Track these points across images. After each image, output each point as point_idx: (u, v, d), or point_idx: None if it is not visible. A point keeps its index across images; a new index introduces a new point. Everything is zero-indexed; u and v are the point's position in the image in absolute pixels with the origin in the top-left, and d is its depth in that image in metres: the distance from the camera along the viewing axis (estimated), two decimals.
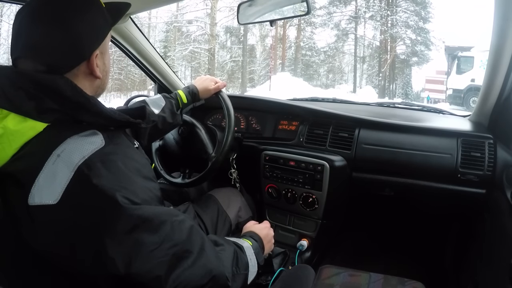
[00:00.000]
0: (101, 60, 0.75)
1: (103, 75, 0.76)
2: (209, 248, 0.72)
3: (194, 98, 1.38)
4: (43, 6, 0.68)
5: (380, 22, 20.34)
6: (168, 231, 0.64)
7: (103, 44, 0.75)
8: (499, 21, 1.11)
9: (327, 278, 1.08)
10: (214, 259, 0.72)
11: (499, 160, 1.28)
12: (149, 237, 0.62)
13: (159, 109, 1.24)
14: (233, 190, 1.52)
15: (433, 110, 1.81)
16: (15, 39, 0.68)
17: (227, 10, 19.28)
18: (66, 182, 0.59)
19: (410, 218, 1.87)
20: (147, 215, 0.62)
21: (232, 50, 21.09)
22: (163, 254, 0.63)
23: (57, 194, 0.58)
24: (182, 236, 0.67)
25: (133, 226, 0.60)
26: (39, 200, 0.58)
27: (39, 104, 0.63)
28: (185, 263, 0.65)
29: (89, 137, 0.64)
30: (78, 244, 0.59)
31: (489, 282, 1.22)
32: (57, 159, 0.60)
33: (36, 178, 0.59)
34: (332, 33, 21.61)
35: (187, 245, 0.67)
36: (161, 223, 0.64)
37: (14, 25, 0.68)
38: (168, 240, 0.64)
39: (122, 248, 0.59)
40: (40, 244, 0.60)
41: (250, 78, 21.07)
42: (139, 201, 0.62)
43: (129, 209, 0.60)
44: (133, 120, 0.74)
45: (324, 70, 23.19)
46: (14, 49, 0.69)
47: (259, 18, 1.48)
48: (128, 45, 1.58)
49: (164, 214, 0.66)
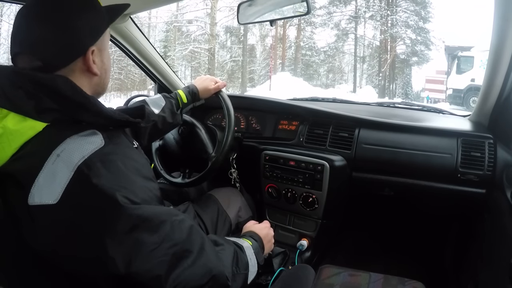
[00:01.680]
0: (99, 57, 0.75)
1: (101, 73, 0.76)
2: (209, 247, 0.72)
3: (194, 98, 1.38)
4: (41, 4, 0.70)
5: (380, 22, 20.34)
6: (168, 230, 0.64)
7: (101, 42, 0.75)
8: (499, 21, 1.11)
9: (327, 278, 1.08)
10: (214, 258, 0.72)
11: (499, 160, 1.28)
12: (149, 237, 0.62)
13: (159, 109, 1.24)
14: (233, 190, 1.52)
15: (433, 110, 1.81)
16: (14, 36, 0.70)
17: (227, 10, 19.30)
18: (66, 182, 0.59)
19: (410, 218, 1.87)
20: (147, 215, 0.62)
21: (232, 50, 21.08)
22: (163, 253, 0.62)
23: (57, 194, 0.58)
24: (182, 236, 0.67)
25: (133, 225, 0.60)
26: (39, 200, 0.58)
27: (38, 103, 0.63)
28: (185, 263, 0.65)
29: (88, 137, 0.64)
30: (78, 244, 0.59)
31: (489, 282, 1.22)
32: (56, 159, 0.60)
33: (36, 178, 0.59)
34: (332, 33, 21.62)
35: (187, 244, 0.67)
36: (161, 223, 0.64)
37: (14, 23, 0.70)
38: (168, 240, 0.64)
39: (122, 248, 0.59)
40: (40, 244, 0.60)
41: (250, 78, 21.07)
42: (138, 200, 0.62)
43: (129, 208, 0.60)
44: (132, 120, 0.74)
45: (324, 70, 23.17)
46: (13, 46, 0.70)
47: (259, 18, 1.48)
48: (128, 45, 1.58)
49: (164, 213, 0.66)
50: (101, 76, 0.77)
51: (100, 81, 0.78)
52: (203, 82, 1.42)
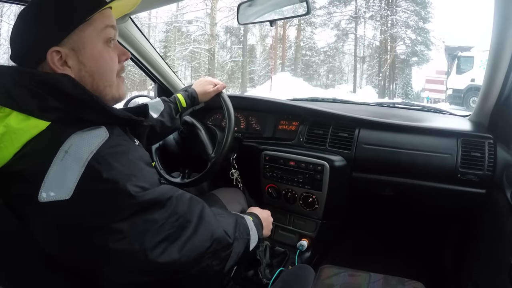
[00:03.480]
0: (74, 58, 0.70)
1: (79, 76, 0.71)
2: (208, 214, 0.78)
3: (193, 101, 1.37)
4: (29, 3, 0.71)
5: (380, 22, 20.33)
6: (173, 205, 0.69)
7: (74, 41, 0.70)
8: (499, 20, 1.11)
9: (327, 278, 1.08)
10: (214, 223, 0.78)
11: (499, 160, 1.28)
12: (159, 214, 0.66)
13: (158, 113, 1.23)
14: (235, 190, 1.52)
15: (433, 110, 1.81)
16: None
17: (227, 10, 19.29)
18: (78, 178, 0.59)
19: (410, 218, 1.87)
20: (157, 196, 0.66)
21: (232, 50, 21.07)
22: (169, 227, 0.67)
23: (69, 189, 0.59)
24: (183, 208, 0.72)
25: (145, 209, 0.64)
26: (51, 196, 0.59)
27: (41, 102, 0.64)
28: (188, 231, 0.70)
29: (93, 131, 0.65)
30: (91, 235, 0.60)
31: (489, 282, 1.22)
32: (65, 155, 0.60)
33: (46, 175, 0.59)
34: (332, 33, 21.60)
35: (188, 215, 0.72)
36: (167, 200, 0.68)
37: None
38: (173, 214, 0.69)
39: (135, 230, 0.62)
40: (51, 241, 0.61)
41: (250, 78, 21.06)
42: (148, 186, 0.66)
43: (140, 197, 0.63)
44: (135, 118, 0.75)
45: (324, 70, 23.16)
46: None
47: (259, 18, 1.48)
48: (128, 45, 1.58)
49: (168, 191, 0.70)
50: (82, 80, 0.71)
51: (86, 84, 0.71)
52: (202, 85, 1.40)
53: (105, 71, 0.75)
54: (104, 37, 0.74)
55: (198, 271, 0.71)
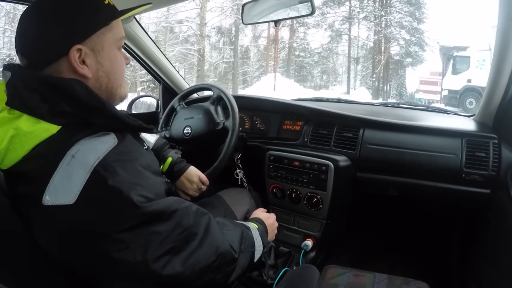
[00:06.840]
0: (93, 58, 0.71)
1: (98, 76, 0.73)
2: (214, 228, 0.77)
3: (172, 174, 1.30)
4: (35, 1, 0.70)
5: (374, 22, 20.38)
6: (178, 218, 0.68)
7: (95, 42, 0.71)
8: (503, 21, 1.12)
9: (331, 278, 1.08)
10: (220, 237, 0.77)
11: (503, 160, 1.29)
12: (163, 227, 0.65)
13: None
14: (242, 191, 1.50)
15: (437, 111, 1.81)
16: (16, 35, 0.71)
17: (218, 10, 19.13)
18: (83, 183, 0.59)
19: (415, 218, 1.88)
20: (161, 208, 0.65)
21: (224, 51, 20.95)
22: (173, 240, 0.66)
23: (73, 194, 0.59)
24: (189, 221, 0.71)
25: (149, 220, 0.63)
26: (55, 200, 0.59)
27: (52, 106, 0.64)
28: (193, 244, 0.70)
29: (101, 137, 0.65)
30: (94, 243, 0.60)
31: (493, 282, 1.22)
32: (71, 160, 0.60)
33: (51, 179, 0.59)
34: (326, 34, 21.56)
35: (194, 228, 0.71)
36: (172, 212, 0.68)
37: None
38: (178, 226, 0.68)
39: (138, 240, 0.62)
40: (53, 244, 0.61)
41: (243, 79, 20.97)
42: (153, 196, 0.65)
43: (144, 207, 0.62)
44: (145, 126, 0.76)
45: (318, 71, 23.17)
46: (15, 45, 0.71)
47: (263, 18, 1.49)
48: (133, 45, 1.58)
49: (174, 203, 0.69)
50: (98, 79, 0.73)
51: (98, 85, 0.73)
52: (190, 181, 1.31)
53: (118, 72, 0.78)
54: (118, 45, 0.78)
55: (201, 284, 0.71)
